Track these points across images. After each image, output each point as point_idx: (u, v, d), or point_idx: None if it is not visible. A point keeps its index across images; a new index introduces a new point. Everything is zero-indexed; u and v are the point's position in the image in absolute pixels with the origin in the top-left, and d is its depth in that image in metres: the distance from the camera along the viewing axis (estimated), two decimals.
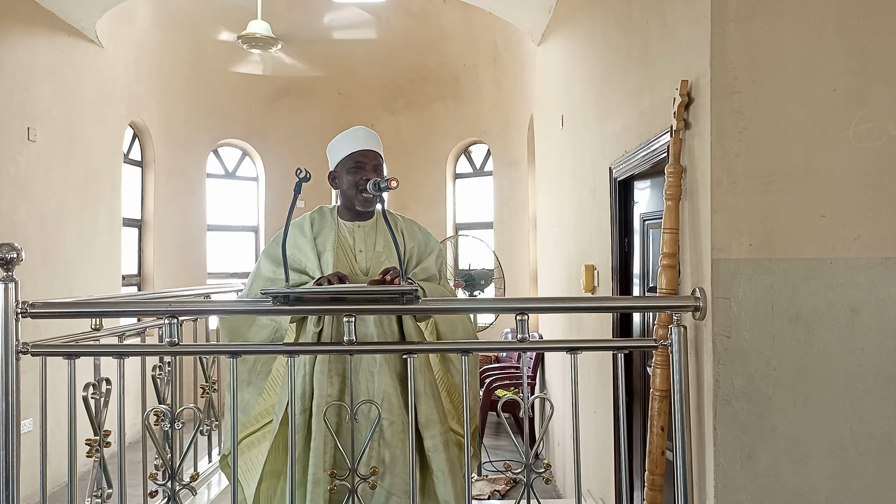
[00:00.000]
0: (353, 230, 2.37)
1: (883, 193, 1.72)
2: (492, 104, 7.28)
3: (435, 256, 2.43)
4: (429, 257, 2.42)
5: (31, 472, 2.72)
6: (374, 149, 2.36)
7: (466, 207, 7.84)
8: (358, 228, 2.38)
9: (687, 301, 1.80)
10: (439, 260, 2.45)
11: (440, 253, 2.47)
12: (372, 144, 2.37)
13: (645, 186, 2.69)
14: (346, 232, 2.37)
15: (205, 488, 3.32)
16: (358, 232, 2.37)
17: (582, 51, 3.61)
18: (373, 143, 2.38)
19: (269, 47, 5.72)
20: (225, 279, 7.31)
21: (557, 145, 4.46)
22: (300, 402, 2.22)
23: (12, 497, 1.71)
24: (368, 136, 2.38)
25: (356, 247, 2.35)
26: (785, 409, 1.73)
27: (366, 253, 2.35)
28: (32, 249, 4.66)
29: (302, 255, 2.32)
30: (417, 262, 2.39)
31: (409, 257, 2.38)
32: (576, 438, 1.91)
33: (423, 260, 2.41)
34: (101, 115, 5.77)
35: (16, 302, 1.71)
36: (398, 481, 2.21)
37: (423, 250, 2.42)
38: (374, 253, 2.34)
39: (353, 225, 2.38)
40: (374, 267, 2.31)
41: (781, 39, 1.73)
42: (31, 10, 4.74)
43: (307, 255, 2.32)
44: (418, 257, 2.40)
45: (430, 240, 2.47)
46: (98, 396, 2.34)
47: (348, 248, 2.35)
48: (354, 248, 2.35)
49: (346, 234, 2.37)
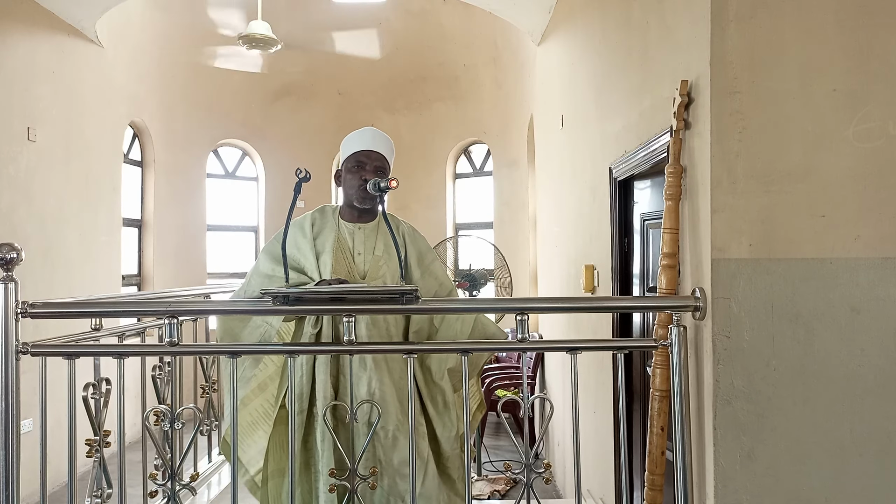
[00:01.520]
0: (353, 232, 2.36)
1: (883, 193, 1.72)
2: (492, 104, 7.28)
3: (434, 278, 2.41)
4: (429, 279, 2.39)
5: (31, 472, 2.72)
6: (377, 150, 2.34)
7: (466, 207, 7.84)
8: (358, 230, 2.36)
9: (687, 301, 1.80)
10: (440, 268, 2.45)
11: (439, 267, 2.47)
12: (377, 146, 2.35)
13: (645, 186, 2.69)
14: (346, 233, 2.35)
15: (205, 488, 3.32)
16: (358, 234, 2.36)
17: (582, 51, 3.61)
18: (379, 144, 2.36)
19: (269, 47, 5.71)
20: (225, 279, 7.31)
21: (557, 145, 4.46)
22: (298, 403, 2.22)
23: (12, 497, 1.71)
24: (375, 137, 2.37)
25: (355, 249, 2.33)
26: (785, 409, 1.73)
27: (364, 256, 2.33)
28: (32, 249, 4.66)
29: (301, 256, 2.31)
30: (415, 272, 2.38)
31: (418, 255, 2.38)
32: (576, 438, 1.91)
33: (423, 276, 2.38)
34: (101, 115, 5.77)
35: (16, 302, 1.71)
36: (396, 484, 2.23)
37: (420, 260, 2.39)
38: (373, 256, 2.33)
39: (354, 227, 2.36)
40: (372, 270, 2.31)
41: (781, 39, 1.73)
42: (31, 10, 4.74)
43: (306, 256, 2.31)
44: (417, 266, 2.39)
45: (428, 254, 2.44)
46: (98, 396, 2.34)
47: (347, 249, 2.33)
48: (353, 250, 2.33)
49: (346, 236, 2.35)
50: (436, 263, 2.46)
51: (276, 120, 7.73)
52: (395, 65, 7.58)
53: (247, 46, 5.68)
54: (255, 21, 5.62)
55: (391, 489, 2.22)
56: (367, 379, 2.22)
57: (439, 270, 2.46)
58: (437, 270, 2.44)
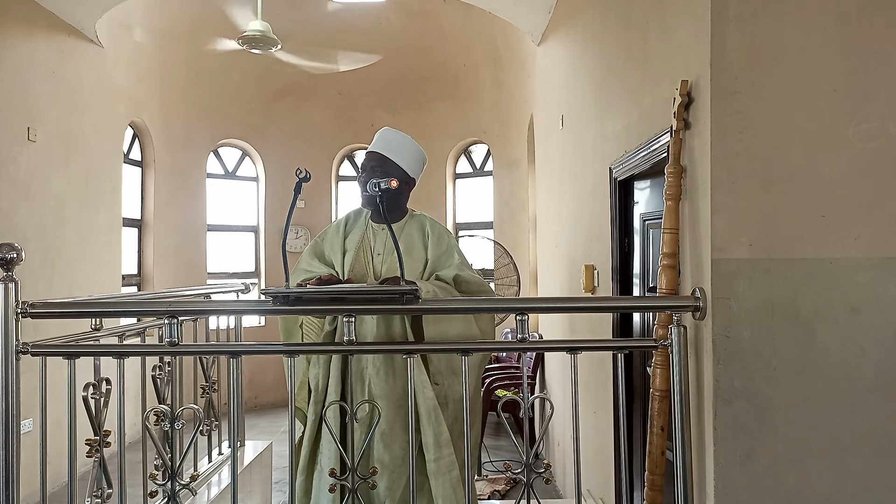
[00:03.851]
0: (377, 232, 2.45)
1: (883, 193, 1.72)
2: (492, 104, 7.28)
3: (455, 268, 2.44)
4: (448, 268, 2.43)
5: (31, 472, 2.72)
6: (375, 150, 2.43)
7: (466, 207, 7.84)
8: (381, 231, 2.44)
9: (687, 301, 1.80)
10: (459, 259, 2.46)
11: (460, 255, 2.49)
12: (376, 146, 2.45)
13: (645, 186, 2.69)
14: (370, 234, 2.45)
15: (205, 488, 3.32)
16: (380, 234, 2.44)
17: (582, 51, 3.61)
18: (379, 144, 2.45)
19: (269, 47, 5.71)
20: (225, 279, 7.31)
21: (557, 145, 4.46)
22: (313, 395, 2.35)
23: (12, 497, 1.71)
24: (379, 138, 2.48)
25: (375, 249, 2.42)
26: (785, 409, 1.73)
27: (384, 256, 2.41)
28: (32, 249, 4.66)
29: (333, 254, 2.45)
30: (433, 270, 2.41)
31: (430, 262, 2.42)
32: (576, 438, 1.91)
33: (443, 268, 2.42)
34: (101, 115, 5.77)
35: (16, 302, 1.71)
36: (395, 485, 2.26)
37: (444, 260, 2.44)
38: (392, 257, 2.38)
39: (379, 227, 2.45)
40: (391, 271, 2.37)
41: (781, 39, 1.73)
42: (31, 10, 4.74)
43: (335, 254, 2.44)
44: (436, 265, 2.41)
45: (453, 252, 2.47)
46: (98, 396, 2.34)
47: (369, 249, 2.42)
48: (374, 250, 2.42)
49: (371, 236, 2.45)
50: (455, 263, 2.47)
51: (276, 120, 7.73)
52: (395, 65, 7.58)
53: (247, 46, 5.68)
54: (254, 21, 5.63)
55: (390, 490, 2.24)
56: (380, 379, 2.27)
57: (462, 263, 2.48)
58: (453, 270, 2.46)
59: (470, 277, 2.42)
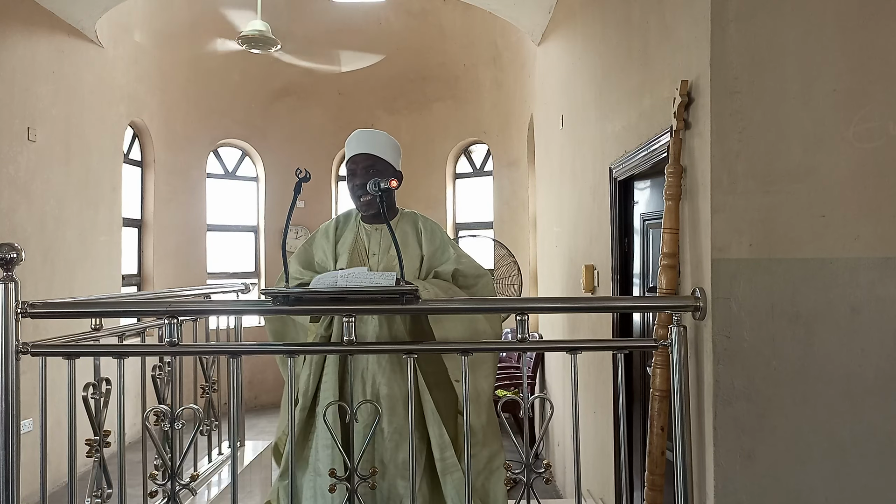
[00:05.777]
0: (370, 233, 2.43)
1: (883, 193, 1.72)
2: (492, 104, 7.28)
3: (452, 262, 2.42)
4: (445, 264, 2.41)
5: (31, 472, 2.72)
6: (364, 151, 2.37)
7: (466, 207, 7.84)
8: (375, 231, 2.42)
9: (687, 301, 1.80)
10: (455, 253, 2.45)
11: (454, 247, 2.48)
12: (362, 148, 2.38)
13: (645, 186, 2.69)
14: (363, 234, 2.43)
15: (205, 488, 3.32)
16: (374, 235, 2.42)
17: (582, 51, 3.61)
18: (364, 145, 2.38)
19: (269, 47, 5.71)
20: (225, 279, 7.31)
21: (557, 145, 4.46)
22: (301, 400, 2.28)
23: (12, 497, 1.71)
24: (360, 140, 2.40)
25: (370, 249, 2.39)
26: (785, 409, 1.73)
27: (379, 256, 2.39)
28: (32, 249, 4.66)
29: (325, 259, 2.42)
30: (430, 267, 2.40)
31: (426, 259, 2.40)
32: (576, 438, 1.91)
33: (440, 264, 2.41)
34: (101, 115, 5.77)
35: (16, 302, 1.71)
36: (396, 485, 2.25)
37: (439, 256, 2.42)
38: (388, 256, 2.36)
39: (371, 227, 2.43)
40: (387, 269, 2.35)
41: (781, 39, 1.73)
42: (31, 10, 4.74)
43: (328, 259, 2.41)
44: (432, 261, 2.40)
45: (448, 247, 2.46)
46: (98, 396, 2.34)
47: (363, 250, 2.40)
48: (369, 250, 2.39)
49: (364, 237, 2.43)
50: (451, 258, 2.46)
51: (276, 120, 7.73)
52: (395, 65, 7.58)
53: (246, 46, 5.68)
54: (254, 21, 5.62)
55: (391, 490, 2.24)
56: (380, 378, 2.26)
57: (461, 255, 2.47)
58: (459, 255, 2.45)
59: (468, 269, 2.41)
